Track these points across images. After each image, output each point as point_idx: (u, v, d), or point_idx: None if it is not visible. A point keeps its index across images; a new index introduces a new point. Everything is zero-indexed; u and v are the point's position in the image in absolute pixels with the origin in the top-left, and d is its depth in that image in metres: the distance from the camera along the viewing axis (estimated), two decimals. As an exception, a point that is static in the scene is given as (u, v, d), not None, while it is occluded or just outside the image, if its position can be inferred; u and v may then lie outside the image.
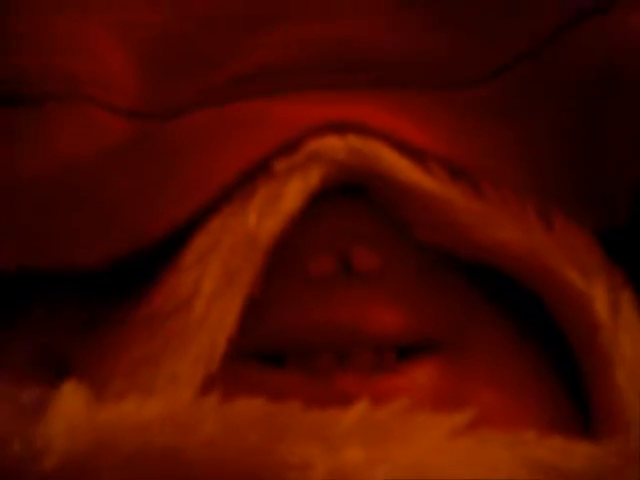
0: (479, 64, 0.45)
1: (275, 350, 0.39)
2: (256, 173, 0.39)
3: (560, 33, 0.44)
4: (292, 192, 0.39)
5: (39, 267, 0.40)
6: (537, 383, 0.40)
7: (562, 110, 0.43)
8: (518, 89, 0.44)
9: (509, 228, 0.40)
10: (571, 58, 0.43)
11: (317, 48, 0.46)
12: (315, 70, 0.45)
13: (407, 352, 0.39)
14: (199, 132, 0.42)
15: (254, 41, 0.46)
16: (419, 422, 0.34)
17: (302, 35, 0.46)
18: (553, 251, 0.40)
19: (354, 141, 0.40)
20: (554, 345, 0.41)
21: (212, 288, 0.38)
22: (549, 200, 0.41)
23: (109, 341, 0.39)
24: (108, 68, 0.45)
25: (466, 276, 0.40)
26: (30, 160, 0.42)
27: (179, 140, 0.42)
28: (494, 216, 0.40)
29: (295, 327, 0.38)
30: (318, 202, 0.40)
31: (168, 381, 0.37)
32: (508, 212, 0.40)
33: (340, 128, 0.40)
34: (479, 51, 0.46)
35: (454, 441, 0.34)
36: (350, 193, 0.40)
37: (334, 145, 0.40)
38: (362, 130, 0.40)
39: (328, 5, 0.48)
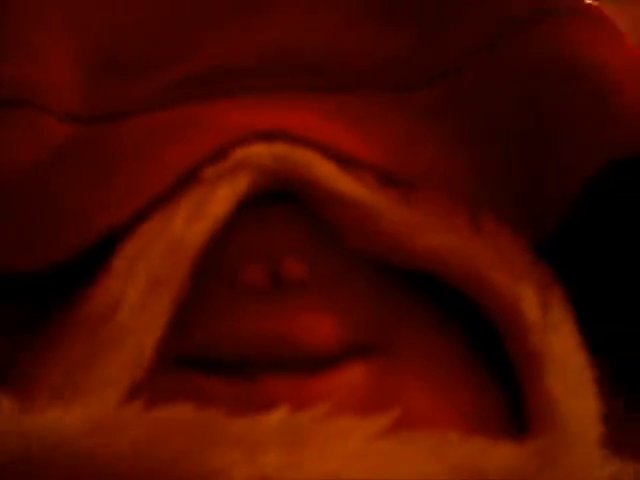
0: (421, 69, 0.45)
1: (204, 358, 0.39)
2: (185, 180, 0.39)
3: (497, 42, 0.44)
4: (219, 198, 0.39)
5: None
6: (470, 385, 0.40)
7: (503, 115, 0.43)
8: (458, 94, 0.44)
9: (438, 234, 0.40)
10: (509, 67, 0.44)
11: (262, 51, 0.46)
12: (259, 73, 0.45)
13: (338, 358, 0.39)
14: (136, 136, 0.42)
15: (198, 44, 0.46)
16: (339, 427, 0.34)
17: (248, 38, 0.46)
18: (482, 254, 0.40)
19: (282, 149, 0.40)
20: (491, 346, 0.41)
21: (139, 294, 0.38)
22: (482, 205, 0.41)
23: (41, 347, 0.39)
24: (53, 73, 0.46)
25: (398, 278, 0.41)
26: None
27: (118, 145, 0.42)
28: (423, 222, 0.40)
29: (224, 337, 0.38)
30: (247, 210, 0.40)
31: (97, 387, 0.37)
32: (438, 217, 0.40)
33: (268, 136, 0.40)
34: (422, 56, 0.46)
35: (375, 445, 0.35)
36: (280, 200, 0.40)
37: (261, 153, 0.40)
38: (291, 138, 0.40)
39: (278, 6, 0.48)
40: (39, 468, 0.34)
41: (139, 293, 0.38)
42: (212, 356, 0.38)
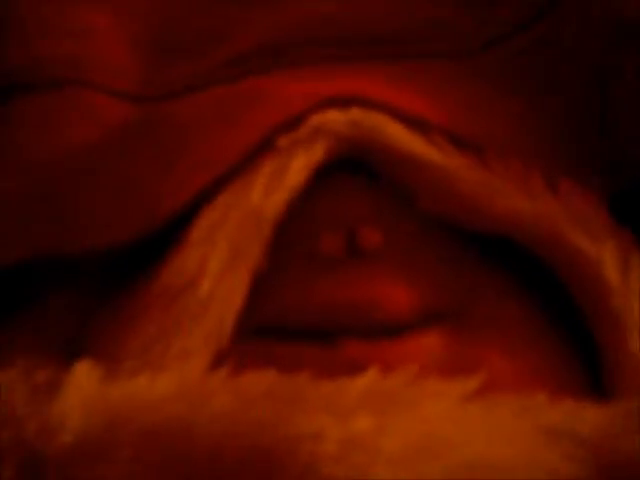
0: (484, 32, 0.45)
1: (282, 325, 0.39)
2: (260, 150, 0.39)
3: (555, 3, 0.44)
4: (296, 167, 0.39)
5: (54, 253, 0.40)
6: (547, 348, 0.40)
7: (570, 77, 0.43)
8: (525, 56, 0.44)
9: (514, 197, 0.40)
10: (576, 25, 0.43)
11: (315, 23, 0.46)
12: (314, 45, 0.45)
13: (418, 324, 0.39)
14: (201, 113, 0.42)
15: (251, 18, 0.46)
16: (428, 390, 0.34)
17: (299, 11, 0.46)
18: (560, 217, 0.40)
19: (356, 114, 0.40)
20: (566, 310, 0.41)
21: (219, 265, 0.38)
22: (556, 166, 0.41)
23: (121, 320, 0.39)
24: (107, 52, 0.45)
25: (473, 245, 0.41)
26: (37, 147, 0.43)
27: (182, 122, 0.42)
28: (499, 185, 0.40)
29: (301, 306, 0.38)
30: (323, 178, 0.40)
31: (179, 358, 0.37)
32: (513, 181, 0.40)
33: (342, 102, 0.40)
34: (483, 20, 0.46)
35: (463, 408, 0.35)
36: (354, 170, 0.40)
37: (336, 119, 0.40)
38: (364, 103, 0.40)
39: None
40: (128, 434, 0.34)
41: (219, 263, 0.38)
42: (290, 325, 0.38)
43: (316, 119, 0.40)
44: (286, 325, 0.39)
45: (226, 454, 0.34)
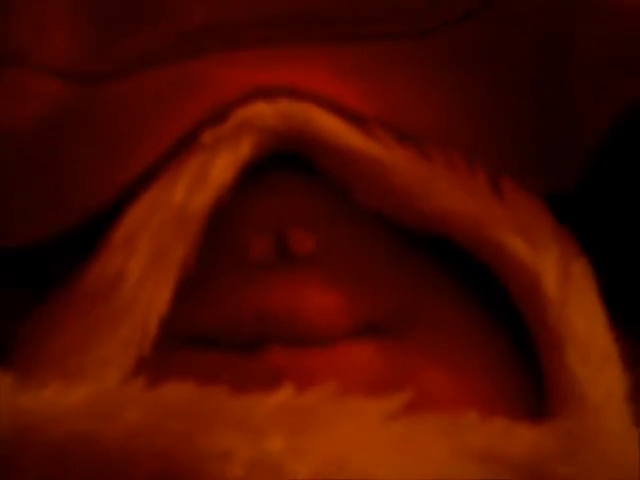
0: (433, 15, 0.43)
1: (210, 332, 0.37)
2: (186, 145, 0.37)
3: None
4: (221, 164, 0.37)
5: None
6: (492, 366, 0.38)
7: (517, 65, 0.41)
8: (470, 42, 0.42)
9: (454, 195, 0.37)
10: (522, 12, 0.41)
11: (263, 2, 0.44)
12: (261, 26, 0.43)
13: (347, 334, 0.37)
14: (134, 99, 0.40)
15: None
16: (347, 407, 0.32)
17: None
18: (501, 221, 0.37)
19: (285, 106, 0.38)
20: (517, 322, 0.39)
21: (141, 268, 0.36)
22: (501, 161, 0.39)
23: (41, 326, 0.38)
24: (46, 32, 0.44)
25: (415, 247, 0.39)
26: None
27: (112, 108, 0.40)
28: (440, 183, 0.37)
29: (230, 313, 0.37)
30: (255, 178, 0.38)
31: (98, 366, 0.36)
32: (455, 178, 0.38)
33: (270, 93, 0.38)
34: (434, 2, 0.43)
35: (385, 427, 0.33)
36: (288, 165, 0.38)
37: (263, 111, 0.38)
38: (295, 94, 0.38)
39: None
40: (34, 446, 0.33)
41: (141, 267, 0.36)
42: (218, 334, 0.37)
43: (242, 113, 0.37)
44: (213, 334, 0.37)
45: (134, 472, 0.32)
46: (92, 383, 0.35)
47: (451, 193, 0.37)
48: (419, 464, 0.32)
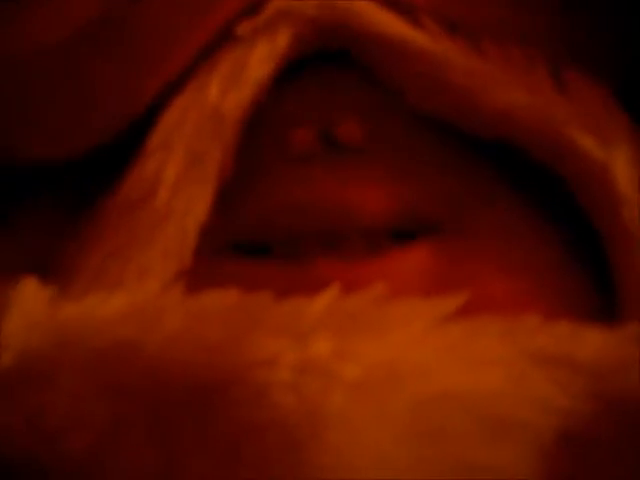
0: None
1: (255, 238, 0.35)
2: (219, 42, 0.35)
3: None
4: (258, 58, 0.35)
5: (10, 162, 0.37)
6: (554, 267, 0.35)
7: None
8: None
9: (515, 91, 0.35)
10: None
11: None
12: None
13: (402, 237, 0.35)
14: (165, 9, 0.38)
15: None
16: (398, 310, 0.30)
17: None
18: (567, 116, 0.35)
19: None
20: (582, 227, 0.37)
21: (177, 173, 0.34)
22: (563, 57, 0.36)
23: (80, 238, 0.36)
24: None
25: (471, 151, 0.36)
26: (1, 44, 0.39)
27: (149, 12, 0.38)
28: (498, 77, 0.35)
29: (275, 210, 0.35)
30: (297, 72, 0.35)
31: (137, 276, 0.34)
32: (514, 72, 0.35)
33: None
34: None
35: (440, 332, 0.30)
36: (332, 61, 0.36)
37: (304, 0, 0.35)
38: None
39: None
40: (76, 357, 0.31)
41: (177, 172, 0.34)
42: (261, 235, 0.35)
43: (279, 2, 0.35)
44: (256, 237, 0.35)
45: (176, 379, 0.30)
46: (132, 292, 0.33)
47: (511, 88, 0.35)
48: (477, 368, 0.30)
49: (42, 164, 0.37)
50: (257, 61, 0.34)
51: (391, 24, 0.35)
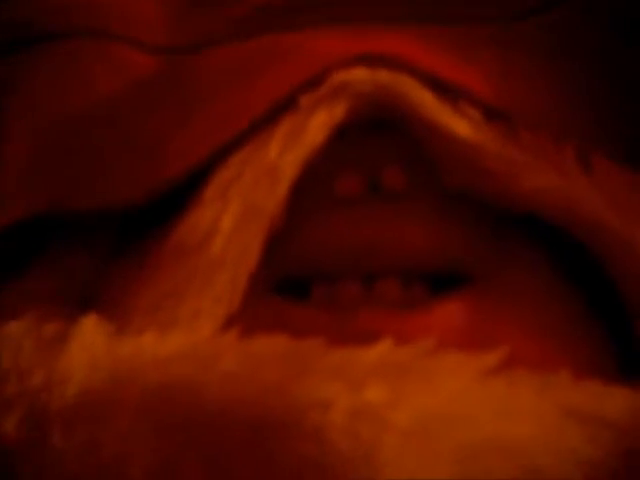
0: (524, 1, 0.43)
1: (300, 275, 0.37)
2: (282, 108, 0.38)
3: None
4: (316, 125, 0.37)
5: (68, 209, 0.39)
6: (581, 329, 0.38)
7: (611, 51, 0.41)
8: (566, 26, 0.42)
9: (545, 175, 0.37)
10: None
11: None
12: (347, 2, 0.43)
13: (437, 286, 0.37)
14: (226, 66, 0.40)
15: None
16: (445, 363, 0.33)
17: None
18: (593, 197, 0.37)
19: (382, 75, 0.38)
20: (601, 289, 0.39)
21: (232, 223, 0.36)
22: (592, 144, 0.38)
23: (133, 276, 0.38)
24: (134, 3, 0.44)
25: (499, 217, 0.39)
26: (52, 101, 0.41)
27: (206, 74, 0.40)
28: (529, 163, 0.37)
29: (320, 248, 0.37)
30: (346, 131, 0.38)
31: (190, 317, 0.36)
32: (544, 158, 0.38)
33: (369, 61, 0.38)
34: None
35: (482, 384, 0.33)
36: (380, 127, 0.38)
37: (361, 78, 0.38)
38: (392, 64, 0.38)
39: None
40: (133, 393, 0.33)
41: (233, 222, 0.36)
42: (302, 274, 0.37)
43: (340, 77, 0.38)
44: (302, 273, 0.37)
45: (231, 418, 0.32)
46: (187, 333, 0.35)
47: (540, 172, 0.37)
48: (517, 420, 0.32)
49: (103, 212, 0.39)
50: (315, 127, 0.37)
51: (435, 110, 0.38)
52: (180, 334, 0.35)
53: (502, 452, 0.31)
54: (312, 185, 0.38)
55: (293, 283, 0.37)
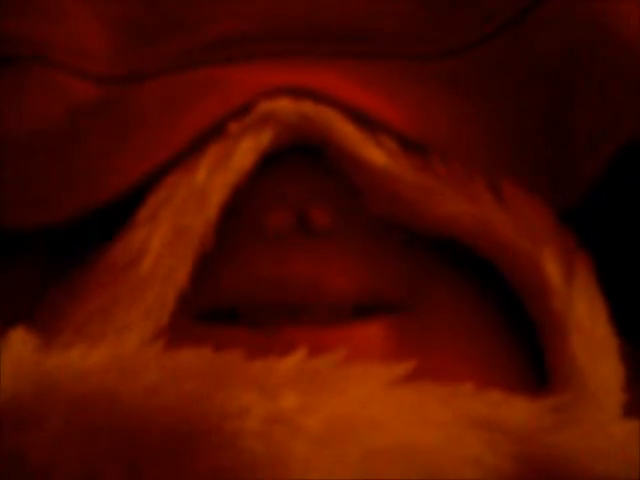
0: (446, 38, 0.46)
1: (227, 306, 0.39)
2: (211, 135, 0.40)
3: (528, 12, 0.45)
4: (243, 150, 0.40)
5: (6, 227, 0.41)
6: (494, 345, 0.40)
7: (527, 86, 0.44)
8: (487, 63, 0.45)
9: (458, 201, 0.40)
10: (538, 36, 0.44)
11: (284, 17, 0.47)
12: (279, 39, 0.46)
13: (362, 313, 0.39)
14: (162, 95, 0.43)
15: (220, 9, 0.47)
16: (356, 373, 0.35)
17: (267, 5, 0.47)
18: (502, 221, 0.40)
19: (307, 106, 0.41)
20: (516, 309, 0.42)
21: (162, 243, 0.39)
22: (502, 171, 0.41)
23: (67, 294, 0.40)
24: (80, 34, 0.46)
25: (425, 238, 0.41)
26: (2, 120, 0.43)
27: (144, 103, 0.43)
28: (443, 190, 0.40)
29: (248, 283, 0.39)
30: (274, 161, 0.40)
31: (119, 332, 0.38)
32: (457, 185, 0.40)
33: (294, 93, 0.41)
34: (448, 25, 0.46)
35: (390, 393, 0.35)
36: (307, 152, 0.41)
37: (285, 108, 0.40)
38: (316, 96, 0.41)
39: None
40: (59, 403, 0.35)
41: (162, 242, 0.39)
42: (235, 304, 0.39)
43: (266, 106, 0.40)
44: (229, 305, 0.39)
45: (152, 427, 0.34)
46: (113, 346, 0.37)
47: (454, 199, 0.40)
48: (422, 428, 0.34)
49: (39, 229, 0.41)
50: (242, 152, 0.40)
51: (356, 140, 0.40)
52: (107, 347, 0.36)
53: (406, 456, 0.34)
54: (243, 219, 0.40)
55: (221, 308, 0.39)
